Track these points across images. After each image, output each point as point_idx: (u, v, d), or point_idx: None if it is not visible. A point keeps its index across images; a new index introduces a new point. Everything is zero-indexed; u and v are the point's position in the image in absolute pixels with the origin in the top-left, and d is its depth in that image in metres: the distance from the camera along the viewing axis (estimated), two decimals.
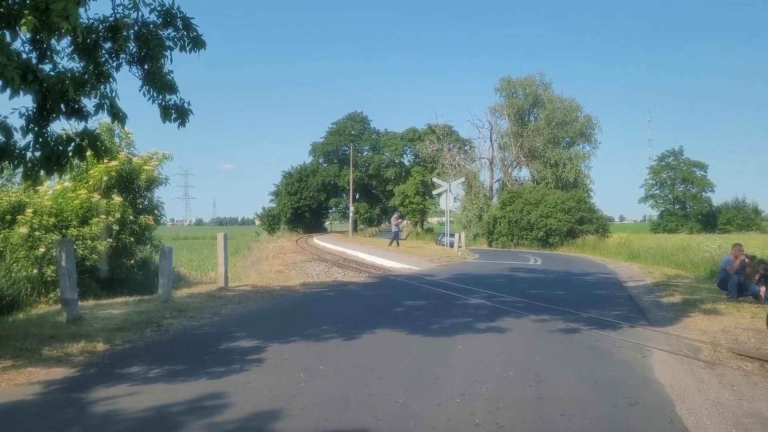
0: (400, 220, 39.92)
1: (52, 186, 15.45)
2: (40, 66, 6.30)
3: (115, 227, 15.35)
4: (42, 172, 6.86)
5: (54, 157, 6.66)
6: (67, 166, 7.06)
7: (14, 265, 13.70)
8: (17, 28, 5.49)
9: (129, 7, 6.58)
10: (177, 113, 7.15)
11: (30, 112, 6.49)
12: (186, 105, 7.21)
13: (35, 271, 13.59)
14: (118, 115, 6.77)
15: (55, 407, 5.41)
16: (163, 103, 7.05)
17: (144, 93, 6.96)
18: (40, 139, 6.60)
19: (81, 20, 6.13)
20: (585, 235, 39.37)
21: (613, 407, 5.26)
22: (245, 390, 5.78)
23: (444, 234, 37.60)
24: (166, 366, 6.78)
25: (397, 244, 33.99)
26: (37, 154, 6.65)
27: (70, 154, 6.77)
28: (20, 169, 6.87)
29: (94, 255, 14.46)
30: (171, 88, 6.99)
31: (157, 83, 6.86)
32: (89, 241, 14.46)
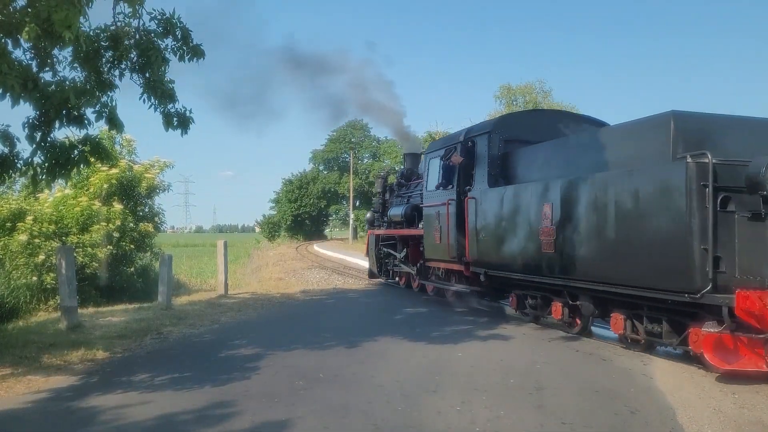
0: None
1: (52, 193, 15.48)
2: (41, 74, 6.33)
3: (116, 235, 15.37)
4: (50, 178, 6.92)
5: (60, 163, 6.72)
6: (73, 171, 7.11)
7: (14, 272, 13.71)
8: (19, 36, 5.52)
9: (129, 15, 6.61)
10: (179, 121, 7.18)
11: (32, 120, 6.53)
12: (187, 113, 7.24)
13: (35, 278, 13.60)
14: (115, 124, 6.81)
15: (54, 416, 5.40)
16: (165, 111, 7.08)
17: (144, 101, 6.99)
18: (43, 144, 6.65)
19: (83, 29, 6.16)
20: None
21: (614, 415, 5.24)
22: (245, 398, 5.76)
23: None
24: (167, 374, 6.76)
25: None
26: (43, 160, 6.71)
27: (76, 159, 6.84)
28: (20, 177, 6.92)
29: (94, 262, 14.47)
30: (171, 96, 7.01)
31: (158, 92, 6.88)
32: (89, 249, 14.48)
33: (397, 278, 16.27)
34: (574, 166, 8.39)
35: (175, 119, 7.14)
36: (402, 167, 17.49)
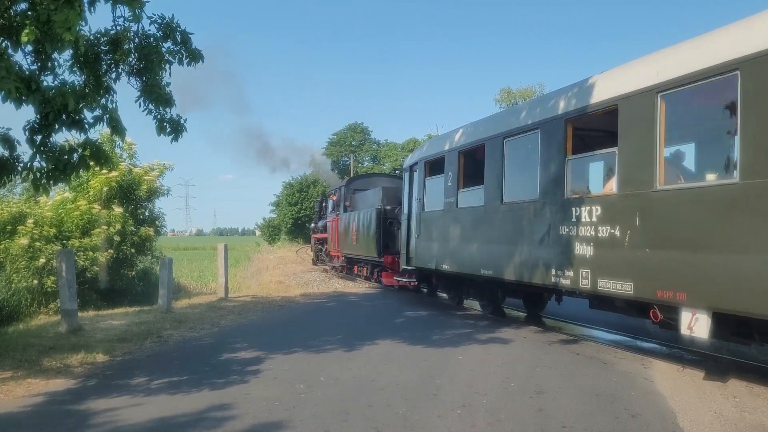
0: None
1: (51, 197, 15.46)
2: (42, 77, 6.33)
3: (116, 238, 15.36)
4: (50, 182, 6.90)
5: (60, 167, 6.71)
6: (73, 175, 7.09)
7: (14, 275, 13.69)
8: (19, 39, 5.52)
9: (129, 19, 6.60)
10: (172, 128, 7.17)
11: (33, 124, 6.53)
12: (181, 121, 7.24)
13: (35, 281, 13.58)
14: (117, 128, 6.79)
15: (54, 419, 5.39)
16: (159, 116, 7.08)
17: (140, 104, 6.98)
18: (42, 148, 6.63)
19: (82, 32, 6.15)
20: None
21: (615, 419, 5.24)
22: (245, 401, 5.76)
23: None
24: (167, 377, 6.76)
25: None
26: (43, 164, 6.70)
27: (76, 163, 6.82)
28: (19, 180, 6.89)
29: (94, 266, 14.46)
30: (168, 102, 6.99)
31: (155, 96, 6.87)
32: (90, 252, 14.47)
33: (327, 265, 26.78)
34: (365, 204, 19.34)
35: (168, 126, 7.14)
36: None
